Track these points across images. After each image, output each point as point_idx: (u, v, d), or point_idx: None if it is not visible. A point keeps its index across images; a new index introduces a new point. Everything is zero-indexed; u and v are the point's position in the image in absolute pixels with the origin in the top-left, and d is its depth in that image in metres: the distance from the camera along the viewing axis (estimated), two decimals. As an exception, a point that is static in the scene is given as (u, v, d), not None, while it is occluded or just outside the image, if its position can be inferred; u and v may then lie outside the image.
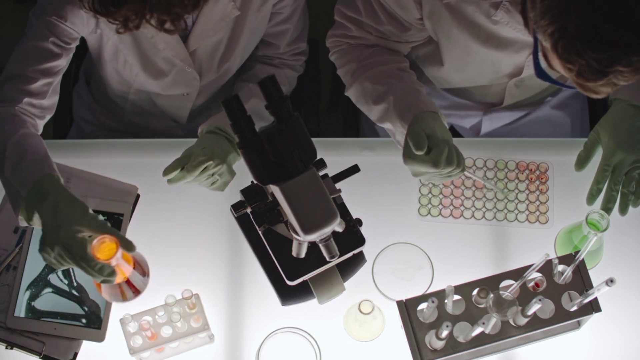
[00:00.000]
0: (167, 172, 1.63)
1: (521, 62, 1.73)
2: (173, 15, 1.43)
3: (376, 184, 1.78)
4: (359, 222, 1.57)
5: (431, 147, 1.53)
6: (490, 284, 1.53)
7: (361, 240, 1.55)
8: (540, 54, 1.37)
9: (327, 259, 1.45)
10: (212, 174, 1.66)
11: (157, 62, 1.78)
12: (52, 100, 1.70)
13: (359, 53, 1.75)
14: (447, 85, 1.94)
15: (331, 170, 1.51)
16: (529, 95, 1.93)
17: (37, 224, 1.52)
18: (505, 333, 1.52)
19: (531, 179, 1.79)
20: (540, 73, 1.42)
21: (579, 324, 1.63)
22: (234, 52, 1.81)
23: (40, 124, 1.70)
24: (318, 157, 1.41)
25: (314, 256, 1.51)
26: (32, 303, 1.67)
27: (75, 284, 1.69)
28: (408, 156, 1.55)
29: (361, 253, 1.63)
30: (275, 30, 1.83)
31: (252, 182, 1.49)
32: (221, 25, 1.72)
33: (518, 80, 1.81)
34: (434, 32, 1.70)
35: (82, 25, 1.67)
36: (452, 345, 1.50)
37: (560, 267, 1.54)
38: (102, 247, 1.45)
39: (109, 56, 1.80)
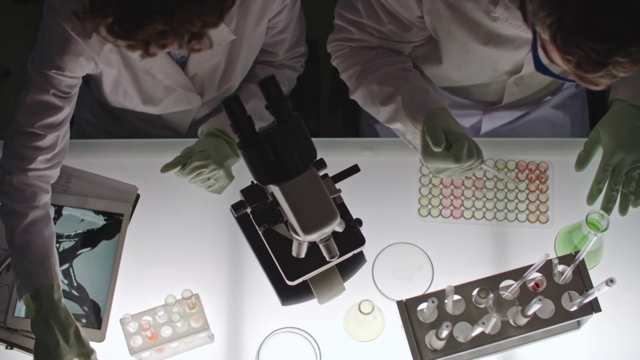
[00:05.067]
0: (165, 169, 1.65)
1: (520, 60, 1.73)
2: (201, 27, 1.38)
3: (376, 184, 1.78)
4: (359, 222, 1.57)
5: (451, 143, 1.54)
6: (490, 284, 1.53)
7: (361, 240, 1.55)
8: (539, 48, 1.37)
9: (327, 259, 1.45)
10: (208, 178, 1.67)
11: (157, 92, 1.78)
12: (62, 145, 1.71)
13: (362, 56, 1.74)
14: (446, 84, 1.94)
15: (331, 170, 1.51)
16: (528, 93, 1.92)
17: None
18: (505, 333, 1.52)
19: (531, 178, 1.79)
20: (539, 67, 1.42)
21: (579, 324, 1.63)
22: (233, 72, 1.80)
23: (54, 173, 1.71)
24: (318, 157, 1.41)
25: (314, 256, 1.51)
26: (32, 303, 1.67)
27: (75, 284, 1.69)
28: (428, 154, 1.55)
29: (361, 253, 1.63)
30: (273, 41, 1.82)
31: (252, 182, 1.49)
32: (218, 49, 1.71)
33: (517, 77, 1.81)
34: (434, 29, 1.70)
35: (81, 69, 1.67)
36: (452, 345, 1.50)
37: (560, 267, 1.54)
38: None
39: (109, 88, 1.80)
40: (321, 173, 1.48)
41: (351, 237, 1.54)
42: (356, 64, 1.74)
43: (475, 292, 1.51)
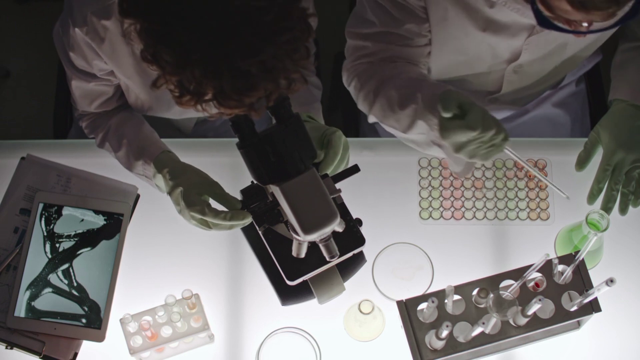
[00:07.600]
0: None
1: (519, 47, 1.70)
2: (294, 69, 1.27)
3: (376, 184, 1.78)
4: (359, 222, 1.57)
5: (466, 112, 1.45)
6: (490, 284, 1.53)
7: (361, 240, 1.55)
8: (538, 4, 1.34)
9: (327, 259, 1.45)
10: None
11: (168, 96, 1.76)
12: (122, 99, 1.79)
13: (380, 70, 1.69)
14: (447, 75, 1.91)
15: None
16: (527, 82, 1.89)
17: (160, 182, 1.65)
18: (505, 333, 1.52)
19: (530, 175, 1.79)
20: (542, 21, 1.37)
21: (579, 324, 1.63)
22: None
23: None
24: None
25: (314, 256, 1.51)
26: (32, 303, 1.67)
27: (75, 284, 1.69)
28: (444, 128, 1.46)
29: (361, 253, 1.63)
30: None
31: (252, 182, 1.49)
32: None
33: (516, 65, 1.79)
34: (430, 13, 1.66)
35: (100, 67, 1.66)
36: (452, 345, 1.50)
37: (560, 267, 1.54)
38: None
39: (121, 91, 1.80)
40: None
41: (351, 237, 1.54)
42: (372, 78, 1.69)
43: (475, 292, 1.51)
